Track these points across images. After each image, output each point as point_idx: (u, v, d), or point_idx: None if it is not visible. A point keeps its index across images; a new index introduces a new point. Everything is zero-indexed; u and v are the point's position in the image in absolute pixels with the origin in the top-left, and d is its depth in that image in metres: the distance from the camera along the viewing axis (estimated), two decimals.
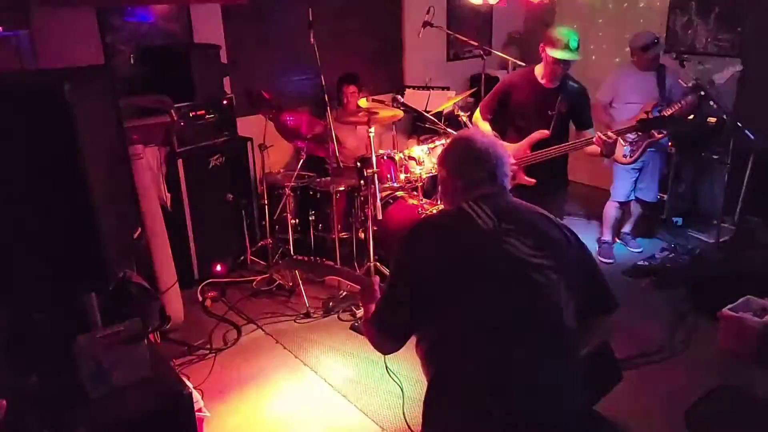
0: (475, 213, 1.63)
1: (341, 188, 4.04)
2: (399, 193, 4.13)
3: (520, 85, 3.21)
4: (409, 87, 5.30)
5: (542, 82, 3.18)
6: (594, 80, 4.43)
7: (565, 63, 3.08)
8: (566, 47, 3.02)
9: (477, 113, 3.49)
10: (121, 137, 2.11)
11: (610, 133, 3.12)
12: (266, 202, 4.14)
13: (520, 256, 1.55)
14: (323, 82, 3.82)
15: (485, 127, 3.42)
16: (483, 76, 4.67)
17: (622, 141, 4.08)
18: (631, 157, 4.06)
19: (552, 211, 3.57)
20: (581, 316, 1.61)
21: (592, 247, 4.53)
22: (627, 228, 4.56)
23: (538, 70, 3.22)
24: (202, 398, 2.60)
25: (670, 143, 4.45)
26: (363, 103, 3.82)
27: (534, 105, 3.18)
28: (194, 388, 2.43)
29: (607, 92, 4.20)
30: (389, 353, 1.78)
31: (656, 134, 3.98)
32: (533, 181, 3.22)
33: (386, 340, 1.72)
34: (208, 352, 3.31)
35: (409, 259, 1.66)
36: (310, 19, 3.64)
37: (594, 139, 3.14)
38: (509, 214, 1.66)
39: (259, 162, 4.17)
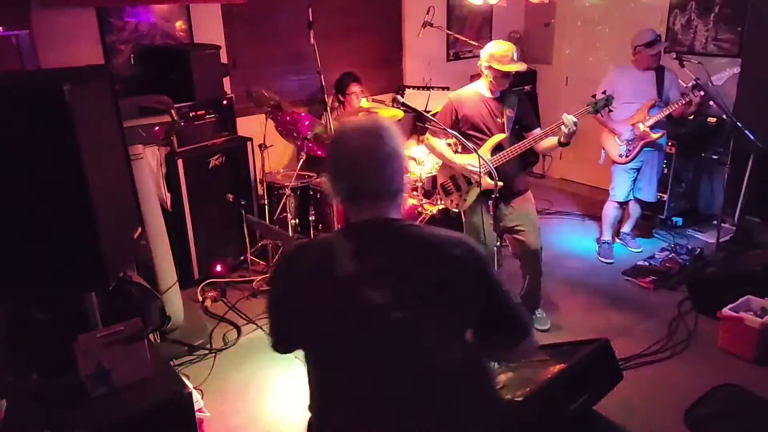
0: (339, 251, 1.39)
1: None
2: None
3: (465, 101, 3.28)
4: (409, 87, 5.29)
5: (486, 94, 3.28)
6: (593, 80, 4.44)
7: (511, 74, 3.21)
8: (512, 60, 3.15)
9: (430, 137, 3.40)
10: (121, 137, 2.11)
11: (570, 116, 3.12)
12: (266, 202, 4.13)
13: (377, 304, 1.34)
14: (323, 82, 3.82)
15: (441, 144, 3.39)
16: None
17: (618, 141, 4.10)
18: (627, 156, 4.07)
19: (527, 209, 3.49)
20: (489, 349, 1.53)
21: (592, 247, 4.53)
22: (627, 228, 4.55)
23: (480, 86, 3.30)
24: (202, 398, 2.61)
25: (669, 143, 4.45)
26: (363, 103, 3.82)
27: (483, 116, 3.26)
28: (194, 388, 2.43)
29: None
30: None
31: (653, 133, 3.99)
32: (491, 184, 3.02)
33: (273, 344, 1.61)
34: (208, 352, 3.31)
35: (275, 285, 1.56)
36: (310, 19, 3.64)
37: (557, 124, 3.13)
38: (375, 252, 1.40)
39: (259, 162, 4.17)
